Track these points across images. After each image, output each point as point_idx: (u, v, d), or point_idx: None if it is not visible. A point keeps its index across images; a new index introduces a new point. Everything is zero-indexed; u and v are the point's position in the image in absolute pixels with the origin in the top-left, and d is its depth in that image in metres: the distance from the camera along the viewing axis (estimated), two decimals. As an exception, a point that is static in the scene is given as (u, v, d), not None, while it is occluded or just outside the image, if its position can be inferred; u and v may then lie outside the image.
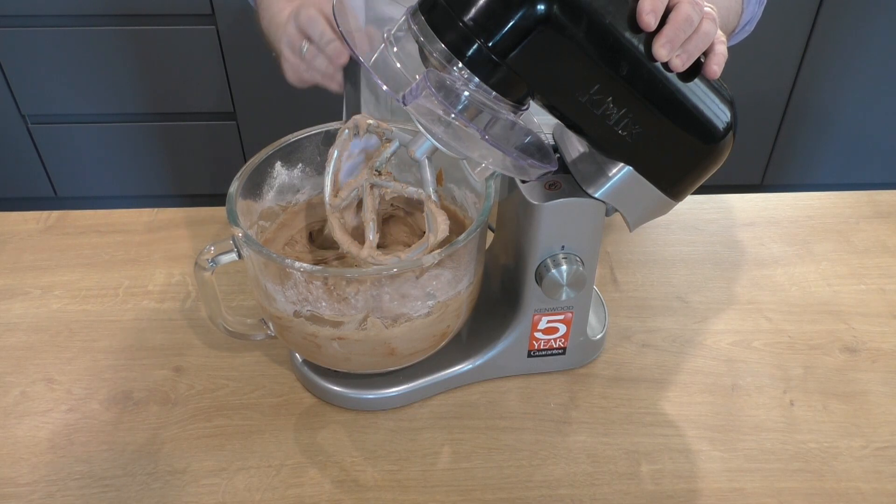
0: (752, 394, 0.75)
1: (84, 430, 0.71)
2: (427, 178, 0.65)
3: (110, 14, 1.81)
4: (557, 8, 0.51)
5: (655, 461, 0.69)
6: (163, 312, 0.84)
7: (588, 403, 0.74)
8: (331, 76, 0.72)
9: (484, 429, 0.72)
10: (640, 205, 0.65)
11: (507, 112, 0.57)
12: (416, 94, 0.56)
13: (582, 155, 0.66)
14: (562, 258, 0.67)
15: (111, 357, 0.79)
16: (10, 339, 0.81)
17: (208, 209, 0.99)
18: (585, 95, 0.56)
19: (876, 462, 0.69)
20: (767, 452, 0.69)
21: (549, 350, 0.75)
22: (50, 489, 0.66)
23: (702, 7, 0.56)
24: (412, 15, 0.56)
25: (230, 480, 0.67)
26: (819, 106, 2.05)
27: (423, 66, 0.58)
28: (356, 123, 0.69)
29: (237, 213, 0.66)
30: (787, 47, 1.94)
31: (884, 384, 0.76)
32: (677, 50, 0.55)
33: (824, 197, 1.02)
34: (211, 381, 0.76)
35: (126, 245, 0.93)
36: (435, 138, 0.61)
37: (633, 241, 0.94)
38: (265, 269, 0.65)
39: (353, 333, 0.64)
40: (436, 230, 0.64)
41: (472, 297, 0.70)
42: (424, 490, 0.66)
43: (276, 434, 0.71)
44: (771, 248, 0.93)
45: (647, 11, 0.53)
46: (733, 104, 0.61)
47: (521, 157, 0.58)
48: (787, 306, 0.85)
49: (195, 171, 2.13)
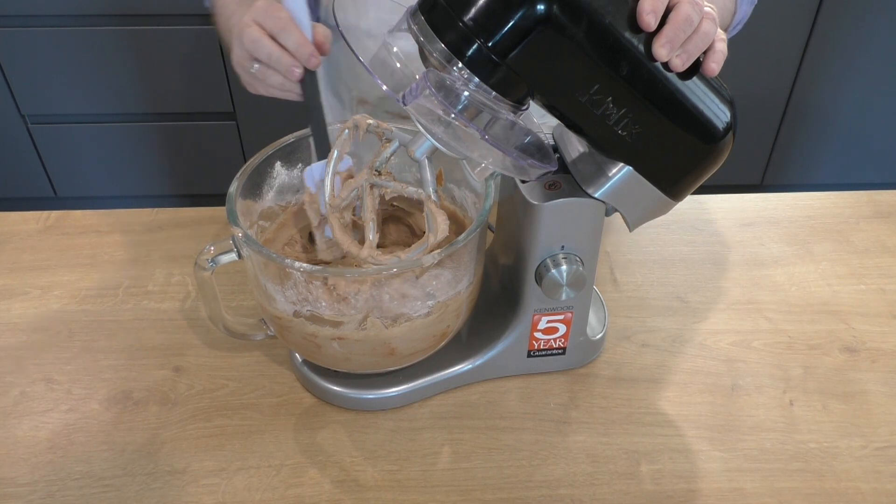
0: (752, 394, 0.75)
1: (84, 430, 0.71)
2: (427, 178, 0.65)
3: (110, 14, 1.81)
4: (557, 8, 0.51)
5: (655, 461, 0.69)
6: (163, 312, 0.84)
7: (588, 403, 0.74)
8: (288, 89, 0.70)
9: (484, 429, 0.72)
10: (640, 205, 0.65)
11: (507, 112, 0.57)
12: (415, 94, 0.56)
13: (582, 155, 0.66)
14: (562, 258, 0.67)
15: (111, 357, 0.79)
16: (10, 339, 0.81)
17: (208, 209, 0.99)
18: (585, 95, 0.56)
19: (876, 462, 0.69)
20: (767, 452, 0.69)
21: (549, 350, 0.75)
22: (50, 489, 0.66)
23: (701, 7, 0.56)
24: (412, 15, 0.56)
25: (230, 480, 0.67)
26: (819, 106, 2.05)
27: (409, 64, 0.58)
28: (356, 123, 0.69)
29: (237, 213, 0.66)
30: (787, 47, 1.94)
31: (883, 384, 0.76)
32: (677, 50, 0.55)
33: (824, 197, 1.02)
34: (211, 381, 0.76)
35: (126, 245, 0.93)
36: (435, 138, 0.61)
37: (633, 241, 0.94)
38: (265, 269, 0.65)
39: (352, 333, 0.64)
40: (436, 230, 0.64)
41: (472, 297, 0.70)
42: (424, 490, 0.66)
43: (275, 434, 0.71)
44: (771, 248, 0.93)
45: (648, 11, 0.53)
46: (733, 104, 0.61)
47: (521, 157, 0.58)
48: (787, 306, 0.85)
49: (195, 171, 2.13)
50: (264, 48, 0.67)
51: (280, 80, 0.69)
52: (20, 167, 2.07)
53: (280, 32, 0.67)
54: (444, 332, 0.69)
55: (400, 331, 0.65)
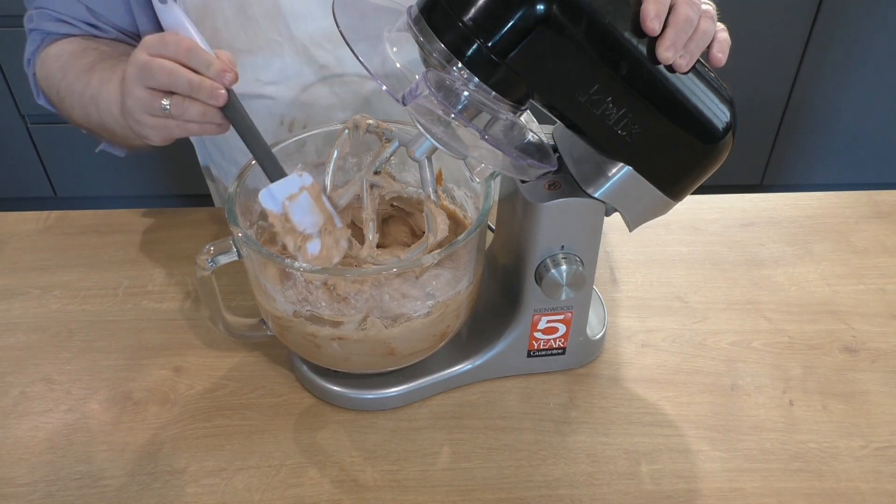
0: (752, 394, 0.75)
1: (83, 431, 0.71)
2: (427, 178, 0.65)
3: (110, 14, 1.81)
4: (557, 8, 0.51)
5: (655, 461, 0.69)
6: (163, 312, 0.84)
7: (588, 403, 0.74)
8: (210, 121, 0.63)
9: (483, 429, 0.72)
10: (639, 205, 0.65)
11: (506, 112, 0.57)
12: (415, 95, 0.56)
13: (582, 155, 0.66)
14: (561, 258, 0.67)
15: (111, 357, 0.79)
16: (9, 339, 0.81)
17: (208, 209, 0.99)
18: (585, 95, 0.56)
19: (875, 462, 0.69)
20: (767, 452, 0.69)
21: (549, 350, 0.75)
22: (50, 489, 0.66)
23: (699, 6, 0.56)
24: (412, 15, 0.56)
25: (230, 480, 0.67)
26: (819, 106, 2.05)
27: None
28: (355, 123, 0.69)
29: (237, 213, 0.66)
30: (787, 47, 1.94)
31: (883, 384, 0.76)
32: (680, 51, 0.55)
33: (824, 197, 1.02)
34: (211, 381, 0.76)
35: (126, 245, 0.93)
36: (434, 138, 0.61)
37: (633, 241, 0.94)
38: (265, 269, 0.65)
39: (352, 333, 0.64)
40: (435, 230, 0.65)
41: (471, 297, 0.70)
42: (424, 490, 0.66)
43: (275, 434, 0.71)
44: (771, 248, 0.93)
45: (652, 17, 0.53)
46: (733, 104, 0.61)
47: (521, 157, 0.58)
48: (787, 306, 0.85)
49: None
50: (181, 76, 0.60)
51: (200, 109, 0.62)
52: (20, 167, 2.07)
53: (190, 58, 0.60)
54: (443, 332, 0.69)
55: (400, 331, 0.65)
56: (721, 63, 0.59)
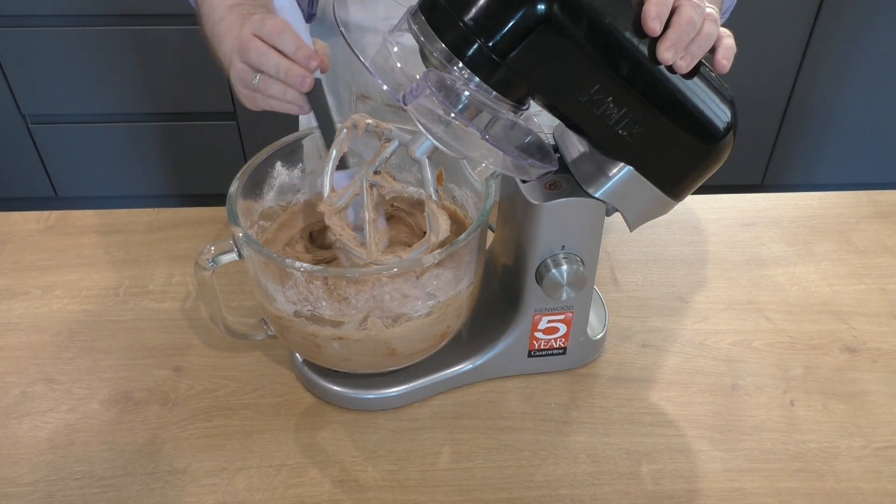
0: (753, 394, 0.75)
1: (84, 430, 0.71)
2: (427, 177, 0.65)
3: (110, 14, 1.81)
4: (557, 8, 0.51)
5: (655, 461, 0.69)
6: (163, 312, 0.84)
7: (588, 403, 0.74)
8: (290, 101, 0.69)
9: (484, 429, 0.72)
10: (640, 205, 0.65)
11: (507, 112, 0.57)
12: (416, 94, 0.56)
13: (582, 155, 0.66)
14: (562, 258, 0.67)
15: (111, 357, 0.79)
16: (10, 339, 0.81)
17: (208, 209, 0.99)
18: (586, 95, 0.56)
19: (876, 462, 0.69)
20: (768, 452, 0.69)
21: (550, 350, 0.75)
22: (50, 489, 0.66)
23: (703, 9, 0.56)
24: (412, 15, 0.56)
25: (230, 480, 0.67)
26: (819, 106, 2.05)
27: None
28: (354, 123, 0.69)
29: (237, 213, 0.66)
30: (787, 47, 1.94)
31: (884, 384, 0.76)
32: (681, 52, 0.55)
33: (824, 197, 1.02)
34: (211, 381, 0.76)
35: (126, 245, 0.93)
36: (435, 138, 0.61)
37: (633, 241, 0.94)
38: (265, 269, 0.65)
39: (353, 333, 0.64)
40: (436, 230, 0.64)
41: (472, 297, 0.70)
42: (424, 490, 0.66)
43: (276, 434, 0.71)
44: (771, 248, 0.93)
45: (653, 17, 0.53)
46: (733, 104, 0.61)
47: (522, 157, 0.58)
48: (788, 306, 0.85)
49: (195, 171, 2.13)
50: (271, 60, 0.67)
51: (280, 89, 0.68)
52: (20, 167, 2.07)
53: (279, 41, 0.66)
54: (444, 332, 0.69)
55: (400, 331, 0.65)
56: (725, 70, 0.59)
